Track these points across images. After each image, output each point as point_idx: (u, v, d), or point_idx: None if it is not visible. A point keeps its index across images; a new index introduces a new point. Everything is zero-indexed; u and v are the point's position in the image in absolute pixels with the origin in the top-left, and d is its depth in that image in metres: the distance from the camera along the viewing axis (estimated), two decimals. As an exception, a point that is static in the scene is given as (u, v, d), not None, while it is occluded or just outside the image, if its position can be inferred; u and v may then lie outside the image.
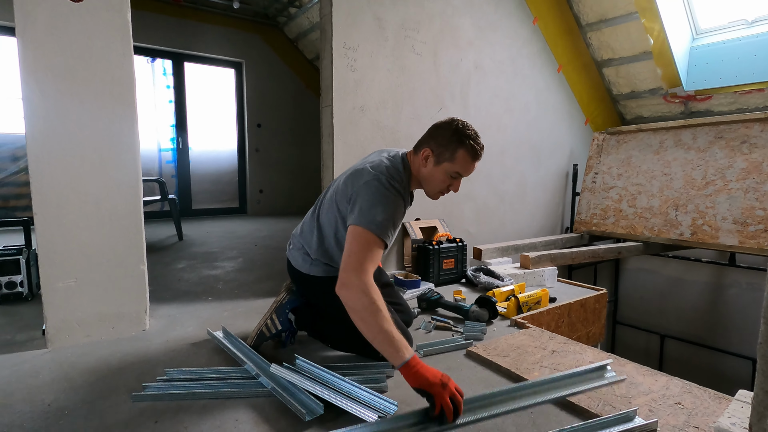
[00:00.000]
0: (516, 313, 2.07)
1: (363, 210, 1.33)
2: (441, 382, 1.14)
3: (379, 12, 2.56)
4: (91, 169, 1.68)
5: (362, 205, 1.34)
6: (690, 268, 3.82)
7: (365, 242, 1.28)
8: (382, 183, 1.37)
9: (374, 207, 1.32)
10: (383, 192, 1.36)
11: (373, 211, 1.32)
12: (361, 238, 1.29)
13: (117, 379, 1.43)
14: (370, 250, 1.28)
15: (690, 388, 1.38)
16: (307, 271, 1.59)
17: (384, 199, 1.34)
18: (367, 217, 1.31)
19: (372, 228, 1.29)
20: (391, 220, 1.33)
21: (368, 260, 1.26)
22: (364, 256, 1.26)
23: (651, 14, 3.27)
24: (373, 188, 1.36)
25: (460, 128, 1.43)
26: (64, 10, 1.59)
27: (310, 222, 1.61)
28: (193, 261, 3.11)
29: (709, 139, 3.15)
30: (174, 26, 4.97)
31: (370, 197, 1.34)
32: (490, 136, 3.26)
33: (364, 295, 1.21)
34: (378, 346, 1.19)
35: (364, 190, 1.37)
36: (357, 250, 1.28)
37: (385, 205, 1.34)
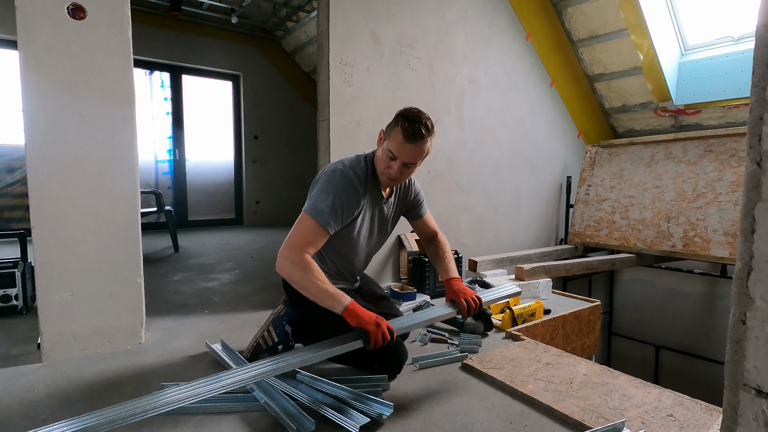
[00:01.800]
0: (511, 325, 2.09)
1: (312, 197, 1.45)
2: (375, 322, 1.32)
3: (376, 28, 2.61)
4: (89, 182, 1.69)
5: (313, 192, 1.46)
6: (683, 279, 3.85)
7: (306, 228, 1.40)
8: (336, 172, 1.46)
9: (320, 194, 1.43)
10: (334, 180, 1.45)
11: (319, 198, 1.42)
12: (302, 222, 1.42)
13: (113, 393, 1.43)
14: (310, 235, 1.40)
15: (682, 400, 1.39)
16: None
17: (332, 188, 1.43)
18: (312, 204, 1.42)
19: (314, 215, 1.40)
20: (334, 209, 1.41)
21: (306, 244, 1.39)
22: (302, 237, 1.39)
23: (640, 31, 3.36)
24: (327, 176, 1.47)
25: (404, 110, 1.47)
26: (66, 26, 1.62)
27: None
28: (189, 273, 3.11)
29: (699, 153, 3.22)
30: (172, 39, 5.02)
31: (321, 185, 1.46)
32: (485, 149, 3.31)
33: (296, 265, 1.36)
34: (322, 302, 1.36)
35: (320, 179, 1.49)
36: (295, 232, 1.41)
37: (331, 192, 1.42)
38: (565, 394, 1.41)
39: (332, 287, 1.37)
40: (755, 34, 0.45)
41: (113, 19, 1.70)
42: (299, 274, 1.36)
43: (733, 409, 0.44)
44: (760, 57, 0.43)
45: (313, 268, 1.37)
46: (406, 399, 1.40)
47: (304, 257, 1.37)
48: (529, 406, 1.38)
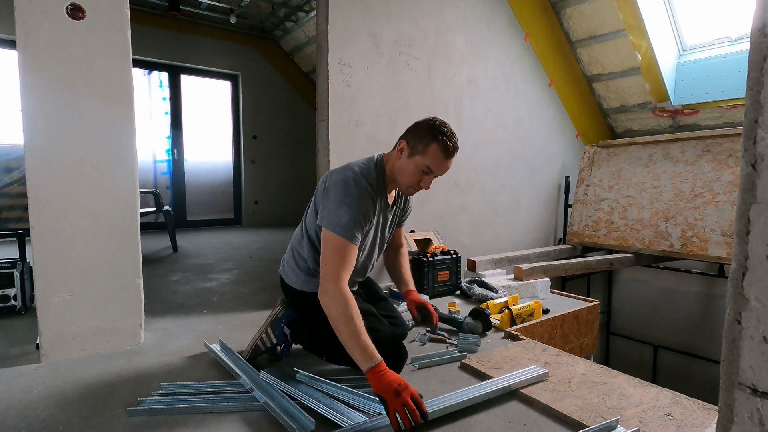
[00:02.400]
0: (509, 324, 2.09)
1: (330, 210, 1.38)
2: (395, 390, 1.18)
3: (374, 29, 2.62)
4: (88, 182, 1.69)
5: (329, 205, 1.40)
6: (681, 279, 3.87)
7: (335, 248, 1.35)
8: (349, 181, 1.41)
9: (340, 207, 1.37)
10: (350, 191, 1.39)
11: (339, 212, 1.37)
12: (331, 243, 1.36)
13: (112, 393, 1.43)
14: (341, 255, 1.35)
15: (679, 399, 1.40)
16: (300, 287, 1.60)
17: (349, 199, 1.38)
18: (333, 220, 1.36)
19: (338, 231, 1.35)
20: (357, 220, 1.37)
21: (342, 267, 1.34)
22: (338, 262, 1.34)
23: (638, 31, 3.37)
24: (341, 187, 1.41)
25: (436, 125, 1.46)
26: (65, 27, 1.62)
27: (300, 237, 1.63)
28: (188, 273, 3.11)
29: (697, 153, 3.23)
30: (171, 39, 5.02)
31: (337, 196, 1.40)
32: (484, 149, 3.31)
33: (338, 305, 1.29)
34: (349, 350, 1.27)
35: (333, 189, 1.42)
36: (330, 258, 1.35)
37: (349, 205, 1.37)
38: (563, 394, 1.42)
39: (365, 337, 1.26)
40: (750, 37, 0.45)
41: (112, 19, 1.70)
42: (337, 310, 1.29)
43: (729, 408, 0.45)
44: (755, 61, 0.43)
45: (351, 307, 1.28)
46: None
47: (342, 290, 1.30)
48: (528, 405, 1.38)
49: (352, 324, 1.27)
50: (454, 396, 1.35)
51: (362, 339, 1.26)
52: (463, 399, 1.33)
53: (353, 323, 1.27)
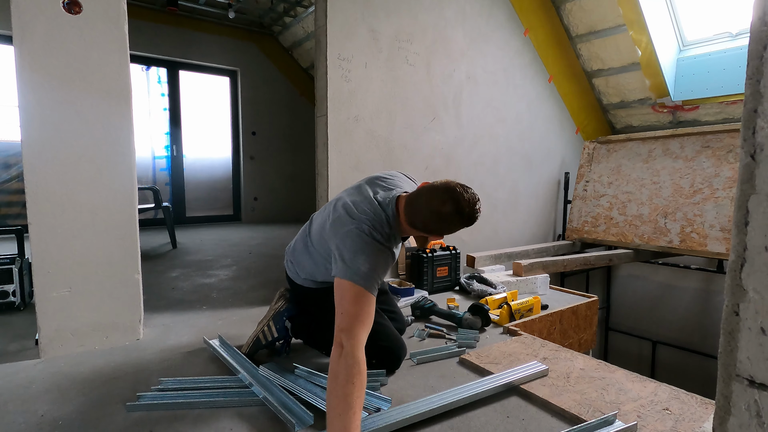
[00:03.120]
0: (508, 320, 2.10)
1: (346, 260, 1.27)
2: None
3: (373, 24, 2.60)
4: (86, 178, 1.69)
5: (345, 255, 1.28)
6: (680, 274, 3.87)
7: (354, 298, 1.21)
8: (363, 233, 1.30)
9: (357, 257, 1.26)
10: (365, 241, 1.29)
11: (357, 261, 1.25)
12: (349, 293, 1.22)
13: (111, 388, 1.43)
14: (360, 306, 1.20)
15: (678, 393, 1.40)
16: (301, 282, 1.64)
17: (366, 248, 1.28)
18: (351, 269, 1.25)
19: (357, 280, 1.23)
20: (375, 270, 1.27)
21: (359, 321, 1.18)
22: (356, 314, 1.19)
23: (638, 26, 3.36)
24: (355, 238, 1.30)
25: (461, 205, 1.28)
26: (61, 21, 1.61)
27: (303, 244, 1.63)
28: (187, 269, 3.11)
29: (697, 149, 3.22)
30: (169, 35, 4.99)
31: (352, 247, 1.28)
32: (482, 145, 3.31)
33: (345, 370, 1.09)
34: (329, 413, 1.07)
35: (346, 241, 1.30)
36: (348, 308, 1.20)
37: (368, 254, 1.27)
38: (562, 389, 1.42)
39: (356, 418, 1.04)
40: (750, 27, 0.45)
41: (109, 13, 1.69)
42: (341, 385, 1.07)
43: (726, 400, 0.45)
44: (755, 50, 0.43)
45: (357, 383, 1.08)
46: (404, 393, 1.41)
47: (357, 355, 1.12)
48: (527, 400, 1.38)
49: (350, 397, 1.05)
50: (455, 392, 1.35)
51: (350, 416, 1.03)
52: (464, 396, 1.33)
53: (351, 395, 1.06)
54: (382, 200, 1.41)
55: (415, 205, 1.33)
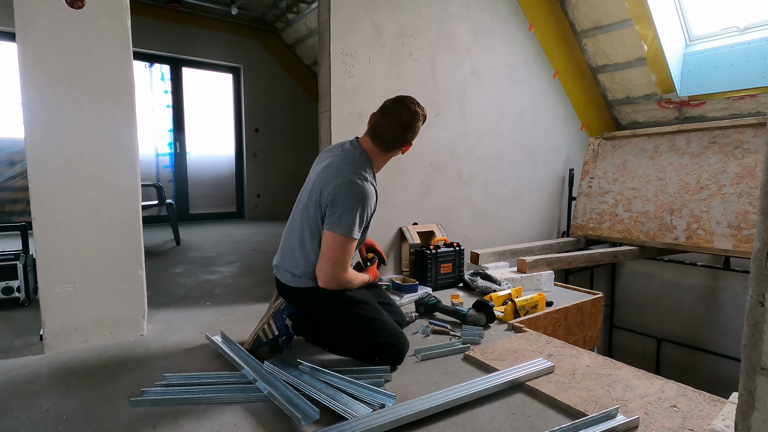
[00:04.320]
0: (513, 317, 2.08)
1: (342, 216, 1.47)
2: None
3: (377, 19, 2.58)
4: (90, 174, 1.68)
5: (341, 211, 1.48)
6: (685, 272, 3.84)
7: (341, 246, 1.49)
8: (356, 186, 1.50)
9: (351, 212, 1.47)
10: (359, 195, 1.49)
11: (350, 217, 1.47)
12: (337, 242, 1.48)
13: (115, 384, 1.43)
14: (346, 251, 1.50)
15: (685, 391, 1.39)
16: (296, 284, 1.61)
17: (361, 202, 1.49)
18: (344, 225, 1.47)
19: (347, 232, 1.48)
20: (363, 218, 1.52)
21: (345, 259, 1.51)
22: (342, 257, 1.50)
23: (645, 21, 3.32)
24: (348, 192, 1.49)
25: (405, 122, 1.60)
26: (64, 16, 1.60)
27: (291, 241, 1.64)
28: (190, 266, 3.11)
29: (703, 144, 3.19)
30: (172, 31, 4.99)
31: (349, 203, 1.48)
32: (487, 141, 3.28)
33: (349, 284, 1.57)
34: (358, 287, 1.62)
35: (343, 196, 1.49)
36: (336, 255, 1.50)
37: (362, 207, 1.50)
38: (567, 385, 1.41)
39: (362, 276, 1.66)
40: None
41: (112, 8, 1.68)
42: (348, 286, 1.58)
43: (750, 394, 0.43)
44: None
45: (353, 279, 1.59)
46: (408, 390, 1.40)
47: (348, 276, 1.55)
48: (532, 396, 1.37)
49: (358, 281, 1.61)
50: (460, 389, 1.34)
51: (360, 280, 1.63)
52: (469, 392, 1.31)
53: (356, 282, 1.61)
54: (347, 149, 1.63)
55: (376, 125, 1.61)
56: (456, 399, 1.28)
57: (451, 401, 1.27)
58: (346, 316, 1.56)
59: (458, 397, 1.29)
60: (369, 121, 1.66)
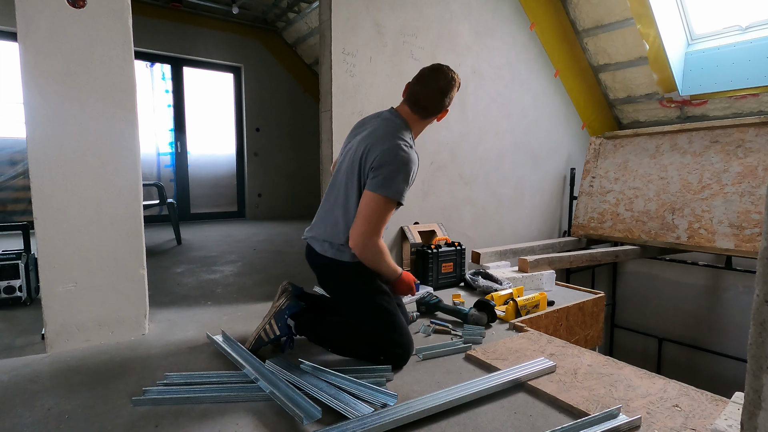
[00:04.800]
0: (514, 316, 2.08)
1: (386, 179, 1.48)
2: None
3: (378, 18, 2.58)
4: (91, 173, 1.69)
5: (386, 173, 1.48)
6: (687, 271, 3.84)
7: (380, 207, 1.48)
8: (402, 151, 1.51)
9: (398, 174, 1.48)
10: (405, 160, 1.51)
11: (396, 179, 1.48)
12: (375, 202, 1.48)
13: (117, 383, 1.43)
14: (384, 213, 1.50)
15: (687, 390, 1.39)
16: (332, 255, 1.59)
17: (406, 167, 1.50)
18: (387, 187, 1.47)
19: (388, 194, 1.47)
20: (406, 183, 1.52)
21: (383, 224, 1.51)
22: (377, 220, 1.49)
23: (646, 20, 3.32)
24: (394, 156, 1.50)
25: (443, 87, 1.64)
26: (65, 16, 1.60)
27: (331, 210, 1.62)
28: (191, 265, 3.11)
29: (705, 144, 3.18)
30: (173, 31, 4.99)
31: (396, 167, 1.49)
32: (488, 140, 3.28)
33: (374, 255, 1.53)
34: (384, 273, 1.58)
35: (391, 161, 1.49)
36: (372, 214, 1.48)
37: (406, 172, 1.51)
38: (569, 385, 1.41)
39: (394, 263, 1.61)
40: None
41: (113, 8, 1.68)
42: (376, 257, 1.53)
43: (756, 393, 0.43)
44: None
45: (386, 253, 1.56)
46: (410, 389, 1.40)
47: (380, 243, 1.53)
48: (534, 396, 1.37)
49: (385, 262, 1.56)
50: (461, 388, 1.34)
51: (393, 265, 1.59)
52: (471, 392, 1.32)
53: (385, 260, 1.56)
54: (387, 117, 1.65)
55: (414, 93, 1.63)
56: (457, 398, 1.28)
57: (453, 401, 1.27)
58: (369, 302, 1.56)
59: (460, 397, 1.29)
60: (404, 91, 1.69)
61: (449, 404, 1.26)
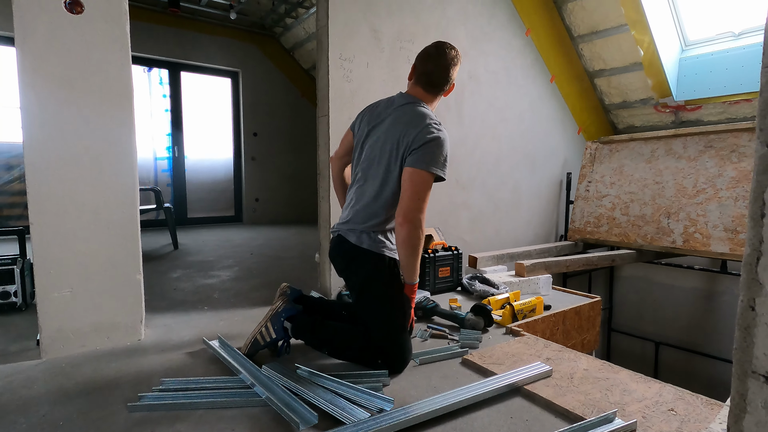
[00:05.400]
0: (511, 320, 2.09)
1: (430, 154, 1.51)
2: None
3: (375, 23, 2.60)
4: (88, 178, 1.69)
5: (427, 150, 1.52)
6: (683, 275, 3.85)
7: (425, 182, 1.51)
8: (438, 127, 1.56)
9: (437, 152, 1.52)
10: (444, 139, 1.55)
11: (436, 155, 1.52)
12: (421, 177, 1.50)
13: (112, 389, 1.42)
14: (428, 188, 1.53)
15: (683, 394, 1.39)
16: (368, 246, 1.60)
17: (444, 144, 1.54)
18: (429, 162, 1.51)
19: (435, 170, 1.51)
20: (446, 159, 1.56)
21: (426, 200, 1.53)
22: (424, 195, 1.51)
23: (641, 26, 3.35)
24: (434, 134, 1.53)
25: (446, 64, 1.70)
26: (63, 21, 1.61)
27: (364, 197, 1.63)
28: (188, 270, 3.10)
29: (700, 149, 3.21)
30: (171, 36, 5.00)
31: (438, 146, 1.53)
32: (485, 144, 3.30)
33: (421, 233, 1.52)
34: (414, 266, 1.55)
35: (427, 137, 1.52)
36: (419, 189, 1.50)
37: (444, 149, 1.55)
38: (565, 389, 1.41)
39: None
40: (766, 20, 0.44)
41: (111, 13, 1.69)
42: (419, 246, 1.53)
43: (742, 397, 0.44)
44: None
45: (423, 230, 1.54)
46: (406, 394, 1.40)
47: (423, 220, 1.52)
48: (530, 401, 1.37)
49: (420, 250, 1.55)
50: (458, 393, 1.34)
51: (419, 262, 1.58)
52: (467, 396, 1.32)
53: (420, 250, 1.54)
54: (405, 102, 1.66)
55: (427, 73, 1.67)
56: (454, 403, 1.28)
57: (449, 405, 1.27)
58: (395, 298, 1.58)
59: (456, 402, 1.29)
60: (412, 74, 1.72)
61: (445, 409, 1.26)
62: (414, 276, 1.57)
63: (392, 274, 1.61)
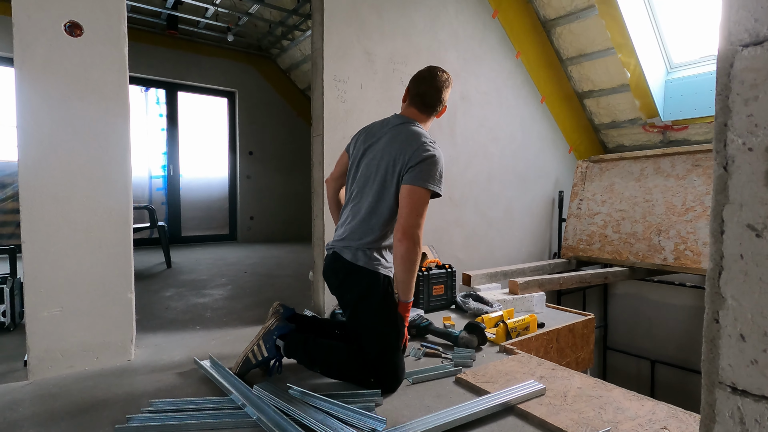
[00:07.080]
0: (505, 339, 2.08)
1: (424, 172, 1.55)
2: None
3: (369, 46, 2.67)
4: (82, 196, 1.69)
5: (423, 168, 1.55)
6: (676, 292, 3.87)
7: (423, 198, 1.54)
8: (433, 149, 1.60)
9: (432, 170, 1.56)
10: (439, 157, 1.59)
11: (432, 173, 1.56)
12: (418, 194, 1.54)
13: (100, 411, 1.40)
14: (426, 204, 1.56)
15: (675, 412, 1.39)
16: (364, 264, 1.61)
17: (438, 162, 1.58)
18: (425, 179, 1.54)
19: (431, 187, 1.55)
20: (442, 176, 1.60)
21: (424, 215, 1.56)
22: (423, 211, 1.54)
23: (627, 50, 3.46)
24: (429, 152, 1.57)
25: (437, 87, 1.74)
26: (62, 44, 1.64)
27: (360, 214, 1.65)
28: (181, 289, 3.08)
29: (687, 167, 3.27)
30: (168, 57, 5.08)
31: (434, 163, 1.57)
32: (477, 163, 3.35)
33: (419, 249, 1.54)
34: (410, 282, 1.56)
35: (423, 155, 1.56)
36: (417, 205, 1.53)
37: (440, 166, 1.59)
38: (559, 408, 1.40)
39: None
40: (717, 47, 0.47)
41: (110, 36, 1.72)
42: (416, 262, 1.54)
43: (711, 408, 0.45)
44: (722, 68, 0.44)
45: (421, 247, 1.56)
46: (399, 414, 1.39)
47: (421, 236, 1.55)
48: (523, 419, 1.36)
49: (417, 267, 1.55)
50: (451, 412, 1.33)
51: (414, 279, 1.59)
52: (460, 416, 1.31)
53: (417, 266, 1.55)
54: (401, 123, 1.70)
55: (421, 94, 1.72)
56: (447, 423, 1.27)
57: (442, 425, 1.26)
58: (391, 316, 1.58)
59: (449, 421, 1.28)
60: (406, 96, 1.78)
61: (438, 429, 1.25)
62: (409, 294, 1.58)
63: (387, 292, 1.62)
